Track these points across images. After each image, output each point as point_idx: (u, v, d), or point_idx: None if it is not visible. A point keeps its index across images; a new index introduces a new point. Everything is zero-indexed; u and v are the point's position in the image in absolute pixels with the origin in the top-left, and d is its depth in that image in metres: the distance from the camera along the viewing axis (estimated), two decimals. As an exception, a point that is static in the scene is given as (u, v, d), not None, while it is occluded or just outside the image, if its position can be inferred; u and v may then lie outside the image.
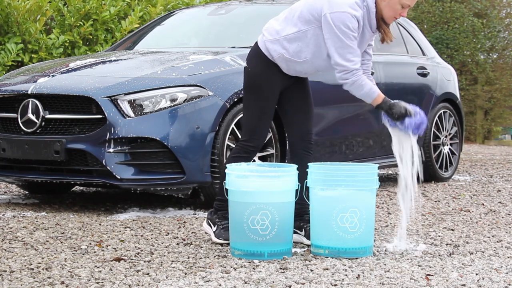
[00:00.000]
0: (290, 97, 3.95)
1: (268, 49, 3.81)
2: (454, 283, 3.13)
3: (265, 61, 3.83)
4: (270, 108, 3.87)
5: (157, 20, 6.79)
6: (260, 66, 3.83)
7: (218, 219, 3.87)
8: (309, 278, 3.16)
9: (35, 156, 4.92)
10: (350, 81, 3.72)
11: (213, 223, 3.88)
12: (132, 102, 4.79)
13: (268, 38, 3.82)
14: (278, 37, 3.80)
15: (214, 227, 3.87)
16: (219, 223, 3.86)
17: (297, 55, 3.78)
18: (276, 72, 3.83)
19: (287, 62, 3.80)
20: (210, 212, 3.94)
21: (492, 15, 18.28)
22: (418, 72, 6.98)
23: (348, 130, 6.07)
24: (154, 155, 4.79)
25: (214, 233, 3.86)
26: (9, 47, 7.74)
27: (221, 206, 3.88)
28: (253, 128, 3.85)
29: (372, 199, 3.69)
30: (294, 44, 3.77)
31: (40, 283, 3.04)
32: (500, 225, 4.67)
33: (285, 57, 3.79)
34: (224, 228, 3.84)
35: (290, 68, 3.83)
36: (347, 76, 3.71)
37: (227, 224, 3.84)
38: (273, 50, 3.79)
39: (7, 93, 5.15)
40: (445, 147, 7.17)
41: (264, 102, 3.84)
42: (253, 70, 3.85)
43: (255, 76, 3.84)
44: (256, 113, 3.84)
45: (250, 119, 3.86)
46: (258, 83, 3.83)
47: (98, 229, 4.30)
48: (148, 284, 3.06)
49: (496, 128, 19.30)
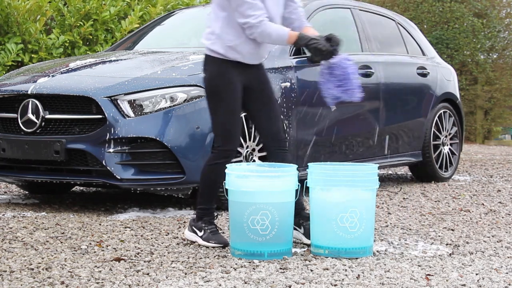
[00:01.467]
0: (253, 99, 3.92)
1: (216, 51, 3.82)
2: (454, 283, 3.13)
3: (218, 64, 3.83)
4: (238, 108, 3.86)
5: (157, 20, 6.79)
6: (216, 70, 3.83)
7: (204, 224, 3.85)
8: (309, 278, 3.16)
9: (35, 156, 4.92)
10: (257, 33, 3.73)
11: (199, 228, 3.85)
12: (132, 102, 4.79)
13: (208, 43, 3.85)
14: (214, 37, 3.82)
15: (201, 232, 3.84)
16: (205, 227, 3.84)
17: (238, 38, 3.79)
18: (232, 71, 3.83)
19: (237, 48, 3.80)
20: (192, 220, 3.91)
21: (492, 15, 18.27)
22: (418, 72, 6.98)
23: (348, 130, 6.07)
24: (154, 155, 4.79)
25: (202, 237, 3.83)
26: (9, 47, 7.74)
27: (205, 213, 3.86)
28: (226, 133, 3.83)
29: (372, 199, 3.69)
30: (229, 31, 3.78)
31: (40, 283, 3.04)
32: (500, 225, 4.67)
33: (232, 46, 3.80)
34: (212, 232, 3.82)
35: (245, 54, 3.83)
36: (252, 31, 3.73)
37: (214, 228, 3.83)
38: (220, 48, 3.81)
39: (7, 93, 5.15)
40: (445, 147, 7.17)
41: (230, 104, 3.82)
42: (210, 76, 3.85)
43: (214, 81, 3.83)
44: (226, 117, 3.82)
45: (221, 124, 3.84)
46: (219, 87, 3.82)
47: (98, 229, 4.30)
48: (148, 284, 3.06)
49: (496, 128, 19.29)
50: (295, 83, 5.49)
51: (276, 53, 5.47)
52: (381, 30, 6.87)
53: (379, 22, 6.94)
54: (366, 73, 6.25)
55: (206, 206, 3.86)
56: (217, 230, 3.86)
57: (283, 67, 5.46)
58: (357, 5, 6.73)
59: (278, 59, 5.44)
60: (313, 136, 5.67)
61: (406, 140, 6.72)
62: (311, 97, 5.66)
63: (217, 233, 3.83)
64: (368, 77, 6.27)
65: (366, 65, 6.29)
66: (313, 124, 5.67)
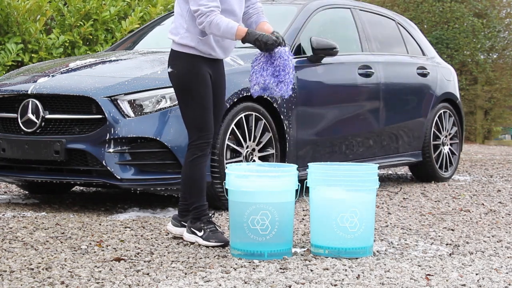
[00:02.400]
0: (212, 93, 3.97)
1: (186, 44, 3.84)
2: (454, 283, 3.13)
3: (188, 59, 3.84)
4: (209, 101, 3.87)
5: (157, 20, 6.79)
6: (186, 66, 3.84)
7: (203, 224, 3.84)
8: (309, 278, 3.16)
9: (35, 156, 4.92)
10: (206, 22, 3.73)
11: (198, 229, 3.84)
12: (132, 102, 4.79)
13: (177, 38, 3.86)
14: (183, 30, 3.84)
15: (201, 232, 3.84)
16: (205, 227, 3.83)
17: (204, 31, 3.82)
18: (202, 65, 3.85)
19: (207, 41, 3.82)
20: (189, 221, 3.91)
21: (492, 15, 18.27)
22: (418, 72, 6.98)
23: (348, 130, 6.07)
24: (154, 155, 4.79)
25: (202, 237, 3.82)
26: (9, 47, 7.73)
27: (200, 213, 3.85)
28: (199, 126, 3.84)
29: (372, 199, 3.69)
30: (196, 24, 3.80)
31: (40, 283, 3.04)
32: (500, 225, 4.67)
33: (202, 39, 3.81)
34: (212, 231, 3.82)
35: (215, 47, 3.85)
36: (202, 20, 3.74)
37: (213, 227, 3.83)
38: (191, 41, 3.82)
39: (7, 93, 5.15)
40: (445, 147, 7.17)
41: (203, 98, 3.83)
42: (181, 72, 3.86)
43: (186, 76, 3.84)
44: (198, 111, 3.83)
45: (193, 119, 3.84)
46: (191, 82, 3.83)
47: (98, 229, 4.30)
48: (148, 284, 3.06)
49: (496, 128, 19.29)
50: (295, 83, 5.49)
51: (276, 53, 5.46)
52: (381, 30, 6.88)
53: (379, 22, 6.94)
54: (366, 73, 6.25)
55: (199, 204, 3.85)
56: (217, 228, 3.86)
57: (283, 67, 5.45)
58: (357, 5, 6.73)
59: (278, 59, 5.44)
60: (313, 136, 5.67)
61: (406, 140, 6.72)
62: (311, 97, 5.67)
63: (217, 231, 3.83)
64: (368, 77, 6.27)
65: (366, 65, 6.29)
66: (313, 124, 5.67)
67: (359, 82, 6.19)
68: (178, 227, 4.01)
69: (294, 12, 5.94)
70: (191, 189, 3.87)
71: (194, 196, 3.87)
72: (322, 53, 5.70)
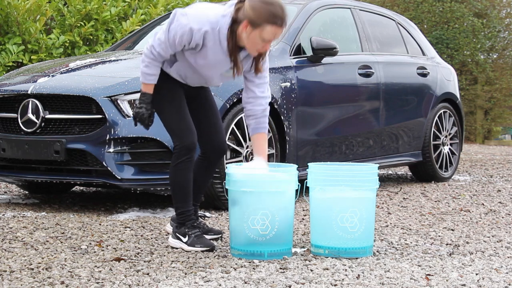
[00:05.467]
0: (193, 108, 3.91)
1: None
2: (454, 283, 3.13)
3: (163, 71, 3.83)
4: (183, 103, 3.82)
5: (157, 20, 6.79)
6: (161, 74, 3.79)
7: (188, 229, 3.79)
8: (309, 278, 3.16)
9: (35, 156, 4.92)
10: (144, 55, 3.70)
11: (183, 234, 3.79)
12: (132, 102, 4.79)
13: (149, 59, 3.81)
14: None
15: (185, 237, 3.78)
16: (189, 232, 3.78)
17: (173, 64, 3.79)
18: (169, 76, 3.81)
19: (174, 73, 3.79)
20: (175, 227, 3.86)
21: (492, 15, 18.27)
22: (418, 72, 6.98)
23: (348, 130, 6.07)
24: (154, 155, 4.79)
25: (186, 243, 3.76)
26: (10, 48, 7.73)
27: (185, 218, 3.81)
28: (179, 129, 3.79)
29: (372, 199, 3.69)
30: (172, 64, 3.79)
31: (40, 283, 3.04)
32: (500, 225, 4.67)
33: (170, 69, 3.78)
34: (196, 236, 3.76)
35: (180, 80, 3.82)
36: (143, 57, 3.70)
37: (198, 232, 3.78)
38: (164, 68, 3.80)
39: (7, 93, 5.15)
40: (445, 147, 7.17)
41: (175, 100, 3.79)
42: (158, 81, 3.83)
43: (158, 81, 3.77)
44: (174, 116, 3.79)
45: (171, 123, 3.80)
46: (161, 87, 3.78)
47: (98, 229, 4.30)
48: (148, 284, 3.06)
49: (496, 128, 19.29)
50: (295, 83, 5.49)
51: (276, 53, 5.47)
52: (381, 30, 6.88)
53: (379, 22, 6.94)
54: (366, 73, 6.25)
55: (184, 209, 3.80)
56: (201, 233, 3.81)
57: (283, 67, 5.46)
58: (357, 5, 6.73)
59: (278, 59, 5.45)
60: (313, 136, 5.67)
61: (406, 140, 6.72)
62: (311, 97, 5.67)
63: (201, 236, 3.77)
64: (368, 77, 6.27)
65: (366, 65, 6.29)
66: (313, 124, 5.67)
67: (359, 82, 6.19)
68: None
69: (294, 12, 5.94)
70: (175, 194, 3.83)
71: (178, 201, 3.82)
72: (322, 53, 5.70)
